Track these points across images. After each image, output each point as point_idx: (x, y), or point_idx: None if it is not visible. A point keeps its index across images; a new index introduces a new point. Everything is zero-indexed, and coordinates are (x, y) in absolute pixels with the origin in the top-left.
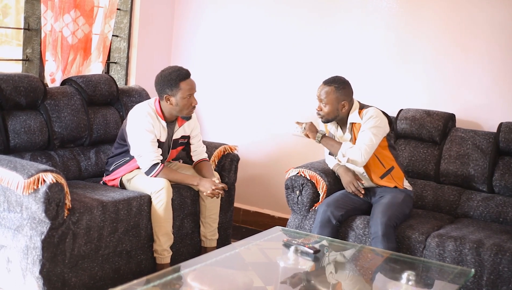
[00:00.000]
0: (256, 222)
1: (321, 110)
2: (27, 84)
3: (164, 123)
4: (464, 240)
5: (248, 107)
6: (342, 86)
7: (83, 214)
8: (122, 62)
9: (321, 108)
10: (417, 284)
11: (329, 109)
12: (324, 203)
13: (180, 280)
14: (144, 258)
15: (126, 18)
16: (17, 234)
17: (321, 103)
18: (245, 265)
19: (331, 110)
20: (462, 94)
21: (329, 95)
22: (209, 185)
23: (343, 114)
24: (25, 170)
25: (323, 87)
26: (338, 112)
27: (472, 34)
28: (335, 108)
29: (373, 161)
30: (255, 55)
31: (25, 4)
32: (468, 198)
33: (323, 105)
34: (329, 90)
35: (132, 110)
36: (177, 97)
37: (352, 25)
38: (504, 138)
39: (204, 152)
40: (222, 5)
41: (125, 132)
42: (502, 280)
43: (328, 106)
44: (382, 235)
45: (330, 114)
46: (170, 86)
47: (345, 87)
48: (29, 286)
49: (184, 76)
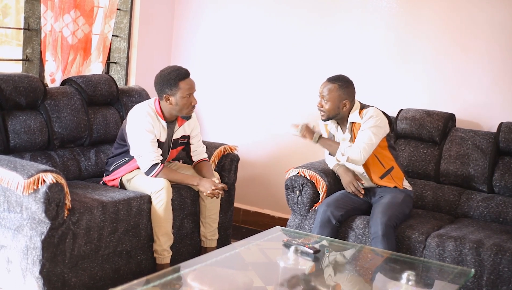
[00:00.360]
0: (256, 222)
1: (322, 107)
2: (27, 84)
3: (164, 123)
4: (464, 240)
5: (248, 107)
6: (345, 85)
7: (83, 214)
8: (122, 62)
9: (322, 104)
10: (417, 284)
11: (330, 107)
12: (324, 203)
13: (180, 280)
14: (144, 258)
15: (126, 18)
16: (17, 234)
17: (323, 100)
18: (245, 265)
19: (332, 108)
20: (462, 94)
21: (331, 92)
22: (209, 185)
23: (343, 113)
24: (25, 170)
25: (326, 84)
26: (339, 111)
27: (472, 34)
28: (336, 106)
29: (373, 161)
30: (255, 55)
31: (25, 4)
32: (468, 198)
33: (325, 102)
34: (332, 88)
35: (132, 110)
36: (176, 97)
37: (352, 25)
38: (504, 138)
39: (204, 152)
40: (222, 5)
41: (125, 132)
42: (502, 280)
43: (329, 104)
44: (382, 235)
45: (331, 112)
46: (169, 86)
47: (348, 86)
48: (29, 286)
49: (183, 75)
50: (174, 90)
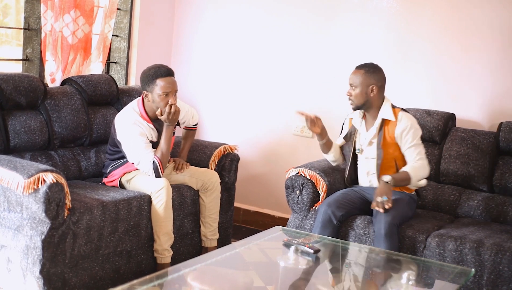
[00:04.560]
0: (256, 222)
1: (351, 95)
2: (27, 84)
3: (151, 125)
4: (464, 239)
5: (248, 107)
6: (371, 70)
7: (83, 214)
8: (122, 62)
9: (351, 93)
10: (418, 284)
11: (358, 92)
12: (325, 203)
13: (180, 280)
14: (144, 258)
15: (126, 18)
16: (17, 234)
17: (351, 87)
18: (245, 265)
19: (359, 93)
20: (462, 94)
21: (358, 78)
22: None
23: (372, 100)
24: (25, 170)
25: (354, 72)
26: (367, 97)
27: (472, 34)
28: (363, 91)
29: (389, 166)
30: (255, 55)
31: (25, 4)
32: (468, 197)
33: (352, 89)
34: (358, 74)
35: (118, 118)
36: (153, 94)
37: (352, 25)
38: (504, 138)
39: (194, 122)
40: (222, 5)
41: (118, 142)
42: (502, 280)
43: (357, 89)
44: (385, 234)
45: (358, 98)
46: (148, 83)
47: (375, 72)
48: (29, 286)
49: (162, 73)
50: (151, 86)
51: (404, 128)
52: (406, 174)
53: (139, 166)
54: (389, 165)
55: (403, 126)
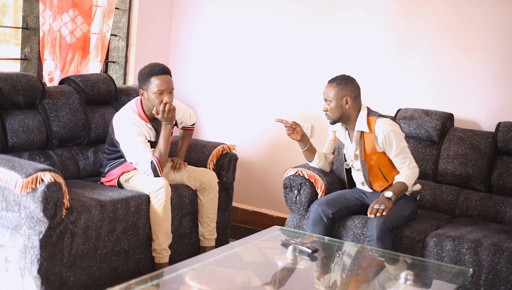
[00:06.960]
0: (255, 222)
1: (327, 110)
2: (26, 83)
3: (149, 125)
4: (462, 239)
5: (247, 107)
6: (343, 82)
7: (81, 213)
8: (121, 61)
9: (327, 108)
10: (415, 284)
11: (333, 106)
12: (316, 202)
13: (178, 280)
14: (142, 257)
15: (124, 17)
16: (15, 233)
17: (326, 102)
18: (243, 264)
19: (334, 107)
20: (461, 94)
21: (331, 92)
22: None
23: (348, 112)
24: (23, 169)
25: (326, 86)
26: (342, 110)
27: (471, 34)
28: (338, 104)
29: (376, 175)
30: (254, 54)
31: (23, 3)
32: (466, 197)
33: (328, 104)
34: (331, 87)
35: (116, 118)
36: (148, 92)
37: (352, 25)
38: (502, 138)
39: (192, 122)
40: (221, 5)
41: (116, 141)
42: (500, 280)
43: (332, 103)
44: (377, 238)
45: (334, 111)
46: (143, 81)
47: (347, 83)
48: (27, 285)
49: (157, 71)
50: (147, 85)
51: (384, 138)
52: (403, 184)
53: (137, 166)
54: (375, 174)
55: (382, 136)
